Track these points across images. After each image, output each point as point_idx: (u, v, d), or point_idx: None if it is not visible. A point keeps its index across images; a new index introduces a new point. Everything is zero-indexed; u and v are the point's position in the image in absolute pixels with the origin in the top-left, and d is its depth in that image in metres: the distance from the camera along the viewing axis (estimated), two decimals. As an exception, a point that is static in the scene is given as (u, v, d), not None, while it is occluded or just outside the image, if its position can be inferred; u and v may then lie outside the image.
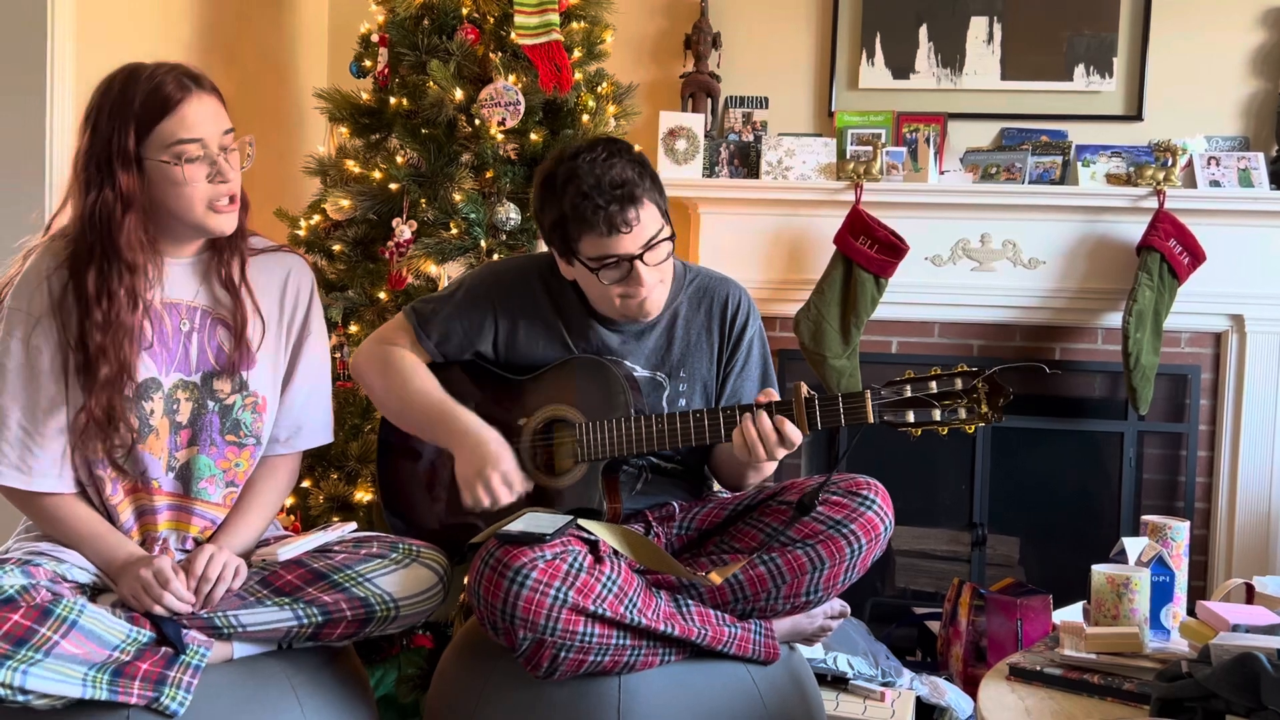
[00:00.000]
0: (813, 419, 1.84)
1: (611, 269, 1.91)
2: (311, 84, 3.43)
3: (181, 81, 1.75)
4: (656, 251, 1.91)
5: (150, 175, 1.74)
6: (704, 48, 3.51)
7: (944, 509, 3.58)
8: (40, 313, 1.77)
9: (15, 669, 1.53)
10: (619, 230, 1.87)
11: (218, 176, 1.77)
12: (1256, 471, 3.26)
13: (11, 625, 1.55)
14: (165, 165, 1.73)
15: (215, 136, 1.76)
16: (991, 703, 1.68)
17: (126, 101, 1.73)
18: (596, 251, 1.90)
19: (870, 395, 1.82)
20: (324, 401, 2.01)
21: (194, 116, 1.74)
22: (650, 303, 1.95)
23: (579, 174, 1.87)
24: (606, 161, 1.88)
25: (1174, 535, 1.96)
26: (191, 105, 1.74)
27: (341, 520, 2.10)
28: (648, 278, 1.91)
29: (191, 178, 1.75)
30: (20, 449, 1.76)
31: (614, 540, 1.86)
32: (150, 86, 1.73)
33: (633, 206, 1.87)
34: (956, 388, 1.80)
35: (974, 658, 2.88)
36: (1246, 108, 3.39)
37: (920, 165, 3.35)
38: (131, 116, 1.72)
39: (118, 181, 1.72)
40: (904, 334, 3.44)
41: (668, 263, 1.96)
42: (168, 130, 1.73)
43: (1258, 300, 3.24)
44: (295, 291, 1.96)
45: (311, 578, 1.79)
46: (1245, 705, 1.44)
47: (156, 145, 1.73)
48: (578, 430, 1.97)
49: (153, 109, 1.72)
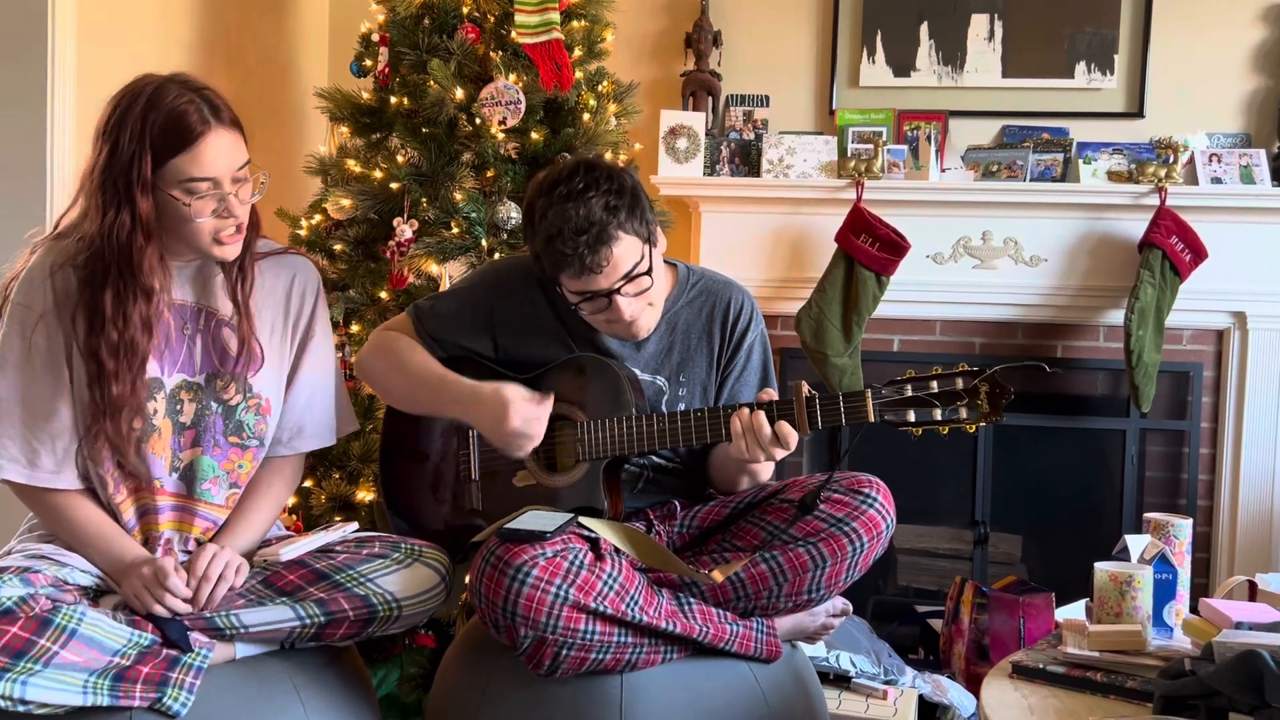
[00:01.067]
0: (813, 418, 1.84)
1: (590, 302, 1.92)
2: (312, 83, 3.43)
3: (203, 114, 1.72)
4: (635, 284, 1.90)
5: (159, 203, 1.74)
6: (705, 46, 3.51)
7: (946, 507, 3.58)
8: (44, 309, 1.77)
9: (14, 680, 1.53)
10: (591, 271, 1.86)
11: (225, 212, 1.76)
12: (1259, 468, 3.26)
13: (10, 638, 1.55)
14: (174, 200, 1.73)
15: (228, 173, 1.75)
16: (994, 701, 1.67)
17: (147, 127, 1.70)
18: (574, 288, 1.91)
19: (871, 394, 1.81)
20: (326, 404, 2.01)
21: (210, 154, 1.72)
22: (637, 326, 1.95)
23: (549, 215, 1.86)
24: (580, 199, 1.85)
25: (1176, 532, 1.95)
26: (210, 142, 1.72)
27: (343, 520, 2.10)
28: (627, 309, 1.91)
29: (199, 213, 1.74)
30: (23, 443, 1.76)
31: (615, 538, 1.86)
32: (174, 115, 1.71)
33: (604, 247, 1.85)
34: (957, 387, 1.80)
35: (976, 656, 2.87)
36: (1248, 104, 3.39)
37: (921, 163, 3.35)
38: (150, 144, 1.70)
39: (137, 208, 1.71)
40: (905, 332, 3.44)
41: (655, 287, 1.94)
42: (182, 167, 1.71)
43: (1260, 297, 3.23)
44: (301, 294, 1.96)
45: (314, 578, 1.79)
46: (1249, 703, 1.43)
47: (169, 179, 1.72)
48: (579, 429, 1.97)
49: (171, 140, 1.71)
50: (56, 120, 2.72)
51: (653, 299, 1.96)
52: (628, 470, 2.04)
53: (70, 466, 1.79)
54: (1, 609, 1.58)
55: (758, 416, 1.83)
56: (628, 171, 1.97)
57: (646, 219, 1.93)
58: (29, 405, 1.76)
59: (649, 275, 1.91)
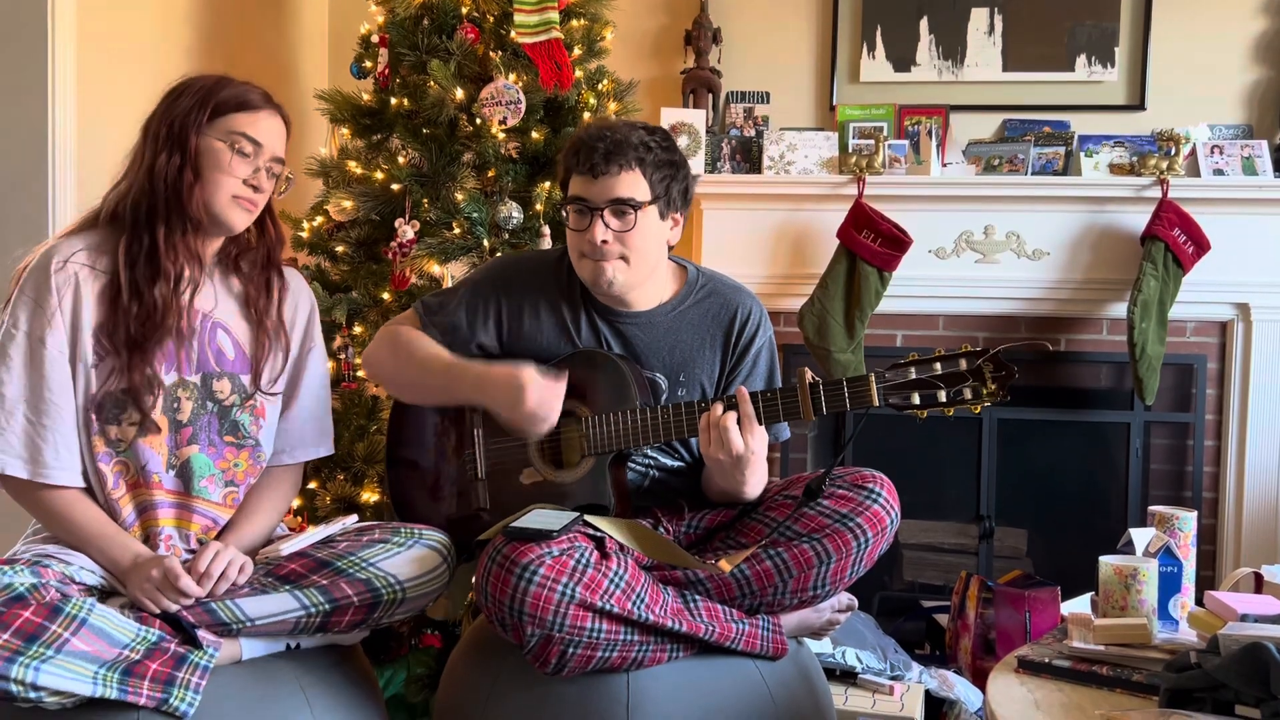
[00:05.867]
0: (818, 403, 1.84)
1: (575, 212, 1.96)
2: (313, 86, 3.43)
3: (266, 96, 1.89)
4: (622, 220, 1.93)
5: (199, 148, 1.82)
6: (704, 43, 3.51)
7: (951, 502, 3.58)
8: (51, 304, 1.78)
9: (28, 665, 1.53)
10: (589, 173, 1.93)
11: (254, 180, 1.85)
12: (1264, 460, 3.25)
13: (23, 621, 1.55)
14: (218, 145, 1.82)
15: (271, 151, 1.86)
16: (1000, 695, 1.68)
17: (211, 91, 1.85)
18: (572, 189, 1.97)
19: (875, 378, 1.82)
20: (325, 414, 2.05)
21: (264, 125, 1.86)
22: (601, 266, 1.95)
23: (600, 122, 1.98)
24: (630, 126, 1.96)
25: (1181, 525, 1.95)
26: (266, 116, 1.87)
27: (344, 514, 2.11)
28: (599, 234, 1.93)
29: (234, 169, 1.83)
30: (26, 439, 1.76)
31: (621, 534, 1.86)
32: (239, 90, 1.86)
33: (615, 162, 1.91)
34: (961, 368, 1.80)
35: (982, 650, 2.87)
36: (1249, 95, 3.38)
37: (922, 158, 3.35)
38: (212, 100, 1.83)
39: (189, 149, 1.81)
40: (908, 327, 3.44)
41: (638, 241, 1.95)
42: (237, 122, 1.84)
43: (1263, 289, 3.23)
44: (293, 308, 1.99)
45: (315, 565, 1.81)
46: (1255, 695, 1.43)
47: (220, 128, 1.83)
48: (584, 424, 1.97)
49: (233, 102, 1.85)
50: (57, 125, 2.72)
51: (631, 254, 1.96)
52: (634, 470, 2.05)
53: (73, 464, 1.79)
54: (14, 594, 1.58)
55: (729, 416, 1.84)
56: (689, 166, 2.04)
57: (671, 190, 1.98)
58: (33, 401, 1.77)
59: (635, 216, 1.93)
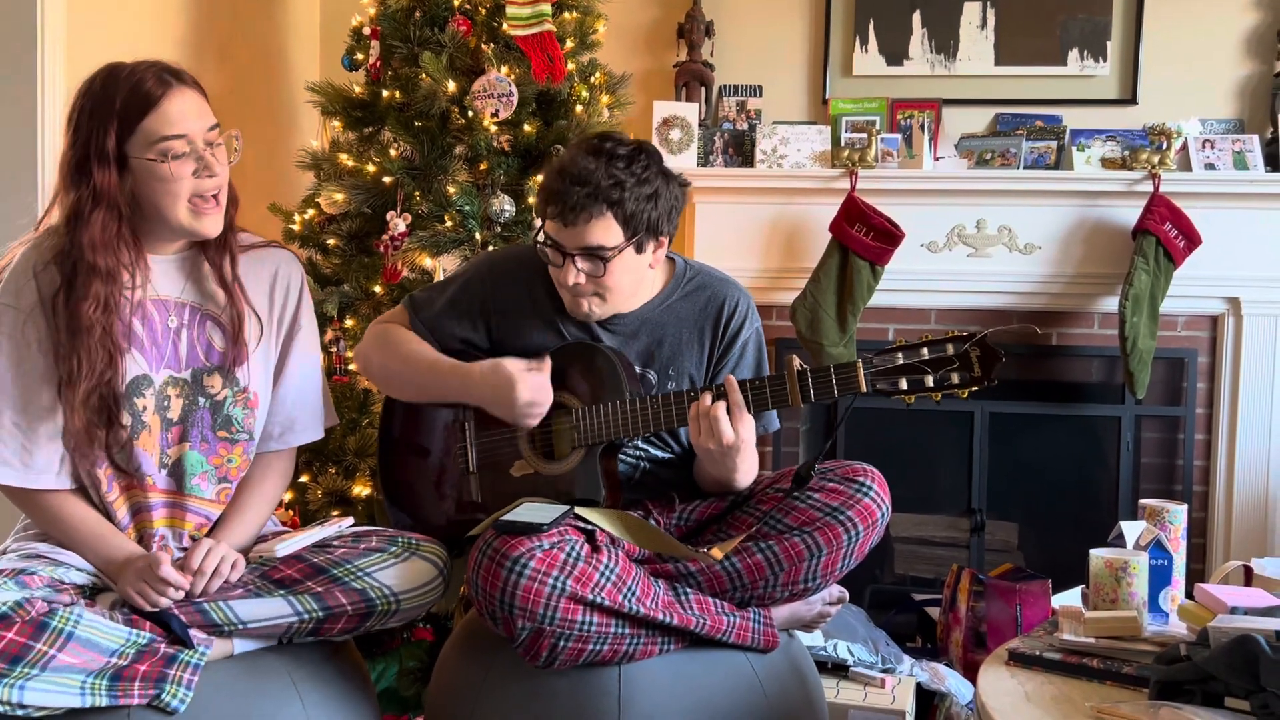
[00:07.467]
0: (806, 390, 1.84)
1: (551, 249, 1.94)
2: (304, 78, 3.42)
3: (162, 77, 1.74)
4: (593, 262, 1.91)
5: (137, 174, 1.74)
6: (697, 36, 3.50)
7: (942, 495, 3.58)
8: (29, 308, 1.76)
9: (12, 685, 1.52)
10: (561, 222, 1.90)
11: (205, 171, 1.76)
12: (1254, 454, 3.26)
13: (6, 643, 1.54)
14: (152, 163, 1.73)
15: (200, 132, 1.75)
16: (991, 688, 1.68)
17: (107, 100, 1.72)
18: (547, 227, 1.95)
19: (863, 364, 1.82)
20: (315, 397, 2.00)
21: (176, 112, 1.73)
22: (577, 301, 1.96)
23: (577, 153, 1.91)
24: (606, 161, 1.89)
25: (1172, 518, 1.95)
26: (173, 101, 1.73)
27: (339, 515, 2.10)
28: (570, 278, 1.92)
29: (178, 174, 1.73)
30: (15, 446, 1.75)
31: (612, 526, 1.86)
32: (131, 84, 1.72)
33: (586, 210, 1.87)
34: (948, 353, 1.80)
35: (974, 643, 2.88)
36: (1241, 90, 3.39)
37: (915, 152, 3.35)
38: (113, 115, 1.71)
39: (93, 180, 1.71)
40: (901, 321, 3.44)
41: (613, 282, 1.94)
42: (151, 128, 1.72)
43: (1254, 283, 3.24)
44: (285, 287, 1.96)
45: (311, 572, 1.79)
46: (1244, 687, 1.44)
47: (141, 143, 1.72)
48: (575, 415, 1.97)
49: (134, 107, 1.71)
50: (47, 118, 2.70)
51: (606, 292, 1.95)
52: (624, 462, 2.05)
53: (65, 467, 1.78)
54: None
55: (718, 405, 1.84)
56: (675, 180, 1.98)
57: (647, 226, 1.92)
58: (20, 406, 1.75)
59: (605, 265, 1.91)
